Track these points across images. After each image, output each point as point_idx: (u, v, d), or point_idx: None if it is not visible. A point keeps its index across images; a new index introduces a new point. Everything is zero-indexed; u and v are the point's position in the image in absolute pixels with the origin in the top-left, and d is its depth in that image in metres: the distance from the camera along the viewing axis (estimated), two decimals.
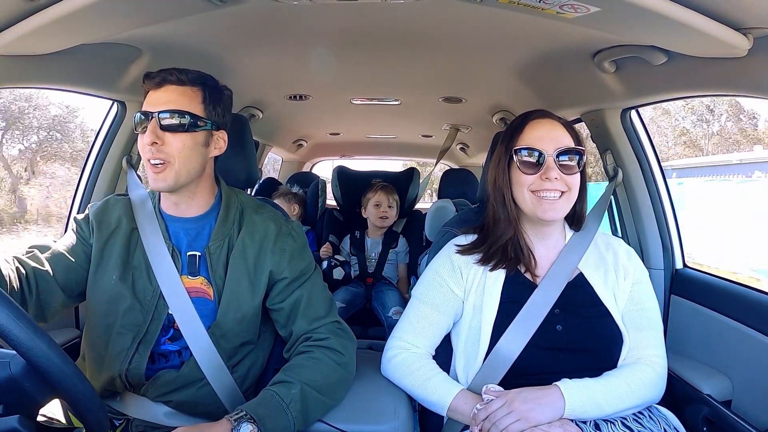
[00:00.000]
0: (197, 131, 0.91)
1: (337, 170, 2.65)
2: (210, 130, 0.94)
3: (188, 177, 0.92)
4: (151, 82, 0.91)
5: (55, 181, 12.41)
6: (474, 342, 0.96)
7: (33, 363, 0.63)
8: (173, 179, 0.90)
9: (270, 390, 0.87)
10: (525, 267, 0.98)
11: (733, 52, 0.88)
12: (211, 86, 0.95)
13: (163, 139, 0.88)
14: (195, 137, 0.91)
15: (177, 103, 0.90)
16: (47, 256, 0.94)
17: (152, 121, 0.88)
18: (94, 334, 0.95)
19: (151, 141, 0.87)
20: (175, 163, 0.89)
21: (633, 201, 1.46)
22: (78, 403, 0.68)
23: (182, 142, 0.89)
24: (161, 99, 0.90)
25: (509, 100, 1.85)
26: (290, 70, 1.60)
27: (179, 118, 0.89)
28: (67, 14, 0.85)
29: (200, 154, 0.93)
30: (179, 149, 0.89)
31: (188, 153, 0.90)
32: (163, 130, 0.88)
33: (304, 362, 0.92)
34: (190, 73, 0.92)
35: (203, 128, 0.92)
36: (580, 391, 0.86)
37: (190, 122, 0.90)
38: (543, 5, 0.85)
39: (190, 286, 0.95)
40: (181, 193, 0.95)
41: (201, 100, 0.92)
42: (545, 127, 0.96)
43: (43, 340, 0.63)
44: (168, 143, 0.88)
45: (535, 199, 0.94)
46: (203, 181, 0.97)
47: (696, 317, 1.28)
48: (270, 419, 0.82)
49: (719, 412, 1.09)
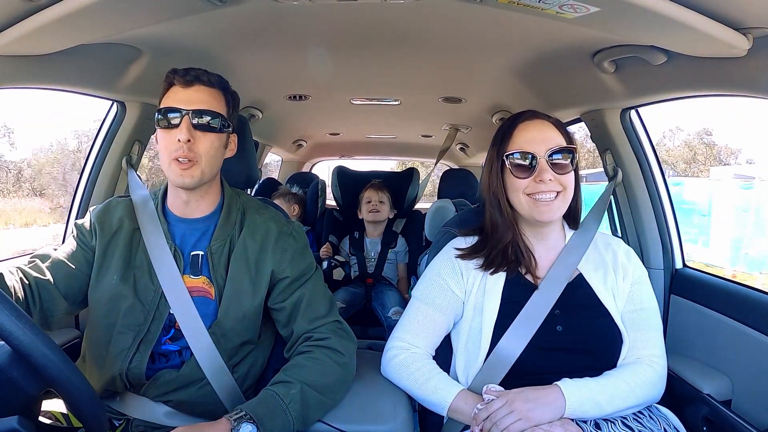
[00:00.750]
0: (222, 133, 0.94)
1: (336, 170, 2.66)
2: (229, 133, 0.97)
3: (210, 176, 0.95)
4: (180, 79, 0.92)
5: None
6: (475, 342, 0.96)
7: (15, 345, 0.62)
8: (199, 177, 0.91)
9: (270, 390, 0.87)
10: (525, 269, 0.98)
11: (733, 52, 0.88)
12: (230, 91, 0.98)
13: (195, 137, 0.90)
14: (221, 138, 0.94)
15: (209, 103, 0.92)
16: (48, 265, 0.95)
17: (185, 118, 0.89)
18: (95, 334, 0.95)
19: (187, 138, 0.88)
20: (201, 162, 0.91)
21: (633, 201, 1.46)
22: (67, 391, 0.67)
23: (211, 143, 0.92)
24: (192, 98, 0.91)
25: (509, 100, 1.85)
26: (290, 70, 1.60)
27: (212, 119, 0.91)
28: (67, 14, 0.85)
29: (221, 155, 0.96)
30: (207, 149, 0.91)
31: (214, 153, 0.93)
32: (195, 129, 0.90)
33: (304, 362, 0.92)
34: (213, 75, 0.95)
35: (227, 131, 0.95)
36: (580, 391, 0.86)
37: (221, 124, 0.92)
38: (543, 5, 0.85)
39: (192, 285, 0.95)
40: (196, 192, 0.96)
41: (225, 103, 0.95)
42: (535, 129, 0.96)
43: (26, 323, 0.63)
44: (198, 142, 0.90)
45: (531, 202, 0.94)
46: (215, 181, 0.99)
47: (696, 317, 1.28)
48: (269, 419, 0.82)
49: (719, 411, 1.09)
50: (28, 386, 0.67)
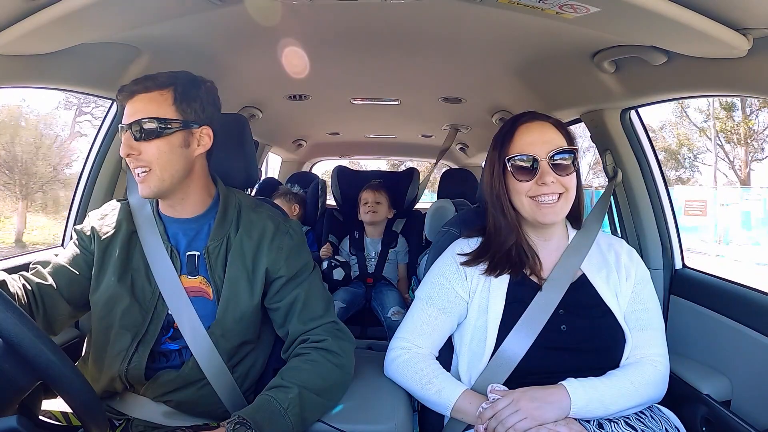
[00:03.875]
0: (171, 134, 0.90)
1: (336, 170, 2.66)
2: (187, 129, 0.92)
3: (172, 180, 0.92)
4: (122, 97, 0.92)
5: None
6: (479, 342, 0.96)
7: (16, 346, 0.62)
8: (157, 185, 0.90)
9: (267, 395, 0.86)
10: (530, 270, 0.98)
11: (733, 53, 0.88)
12: (183, 84, 0.92)
13: (138, 148, 0.89)
14: (170, 140, 0.90)
15: (145, 111, 0.89)
16: (50, 271, 0.95)
17: (126, 133, 0.89)
18: (95, 335, 0.95)
19: (126, 153, 0.89)
20: (156, 169, 0.89)
21: (632, 201, 1.46)
22: (67, 391, 0.66)
23: (157, 148, 0.89)
24: (131, 110, 0.90)
25: (509, 100, 1.85)
26: (290, 70, 1.60)
27: (148, 125, 0.89)
28: (67, 14, 0.85)
29: (180, 155, 0.92)
30: (156, 155, 0.89)
31: (167, 157, 0.90)
32: (137, 141, 0.89)
33: (301, 365, 0.91)
34: (160, 76, 0.91)
35: (177, 129, 0.91)
36: (585, 391, 0.86)
37: (160, 127, 0.89)
38: (543, 5, 0.85)
39: (190, 285, 0.95)
40: (171, 197, 0.95)
41: (172, 101, 0.91)
42: (536, 131, 0.95)
43: (27, 324, 0.63)
44: (144, 151, 0.89)
45: (534, 204, 0.94)
46: (194, 181, 0.96)
47: (695, 317, 1.28)
48: (268, 424, 0.81)
49: (718, 412, 1.09)
50: (20, 379, 0.66)
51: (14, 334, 0.63)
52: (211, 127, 0.95)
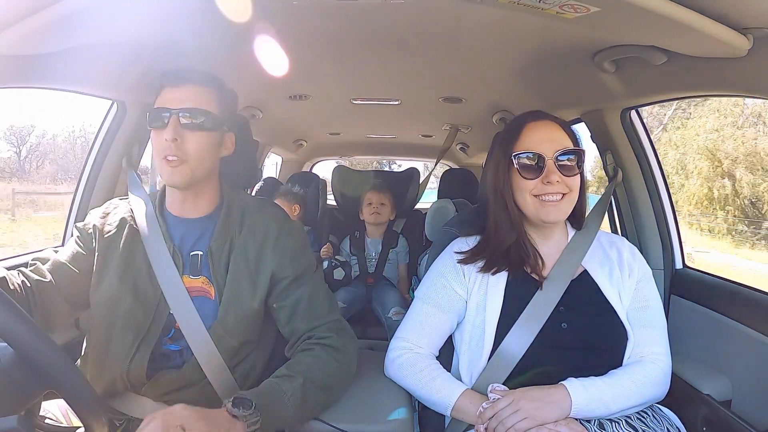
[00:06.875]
0: (214, 131, 0.93)
1: (336, 170, 2.66)
2: (223, 130, 0.96)
3: (201, 175, 0.94)
4: (170, 80, 0.92)
5: None
6: (478, 341, 0.96)
7: (17, 347, 0.63)
8: (189, 176, 0.91)
9: (272, 380, 0.87)
10: (531, 268, 0.98)
11: (733, 52, 0.88)
12: (222, 87, 0.97)
13: (182, 136, 0.89)
14: (211, 137, 0.93)
15: (196, 102, 0.91)
16: (49, 268, 0.95)
17: (172, 118, 0.89)
18: (96, 335, 0.95)
19: (173, 137, 0.88)
20: (191, 161, 0.91)
21: (633, 201, 1.46)
22: (68, 391, 0.67)
23: (199, 141, 0.91)
24: (181, 97, 0.91)
25: (509, 100, 1.85)
26: (290, 69, 1.60)
27: (199, 117, 0.90)
28: (67, 14, 0.85)
29: (214, 154, 0.95)
30: (196, 148, 0.91)
31: (204, 152, 0.92)
32: (182, 128, 0.90)
33: (306, 359, 0.92)
34: (205, 73, 0.94)
35: (218, 129, 0.94)
36: (586, 390, 0.86)
37: (209, 122, 0.91)
38: (543, 5, 0.85)
39: (192, 285, 0.95)
40: (190, 191, 0.96)
41: (217, 101, 0.94)
42: (543, 130, 0.96)
43: (27, 325, 0.63)
44: (186, 141, 0.90)
45: (538, 203, 0.94)
46: (211, 180, 0.99)
47: (696, 317, 1.28)
48: (269, 408, 0.81)
49: (719, 412, 1.09)
50: (29, 386, 0.67)
51: (28, 347, 0.63)
52: (234, 134, 0.99)
